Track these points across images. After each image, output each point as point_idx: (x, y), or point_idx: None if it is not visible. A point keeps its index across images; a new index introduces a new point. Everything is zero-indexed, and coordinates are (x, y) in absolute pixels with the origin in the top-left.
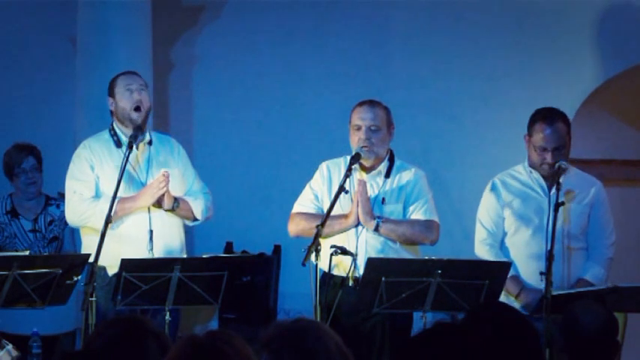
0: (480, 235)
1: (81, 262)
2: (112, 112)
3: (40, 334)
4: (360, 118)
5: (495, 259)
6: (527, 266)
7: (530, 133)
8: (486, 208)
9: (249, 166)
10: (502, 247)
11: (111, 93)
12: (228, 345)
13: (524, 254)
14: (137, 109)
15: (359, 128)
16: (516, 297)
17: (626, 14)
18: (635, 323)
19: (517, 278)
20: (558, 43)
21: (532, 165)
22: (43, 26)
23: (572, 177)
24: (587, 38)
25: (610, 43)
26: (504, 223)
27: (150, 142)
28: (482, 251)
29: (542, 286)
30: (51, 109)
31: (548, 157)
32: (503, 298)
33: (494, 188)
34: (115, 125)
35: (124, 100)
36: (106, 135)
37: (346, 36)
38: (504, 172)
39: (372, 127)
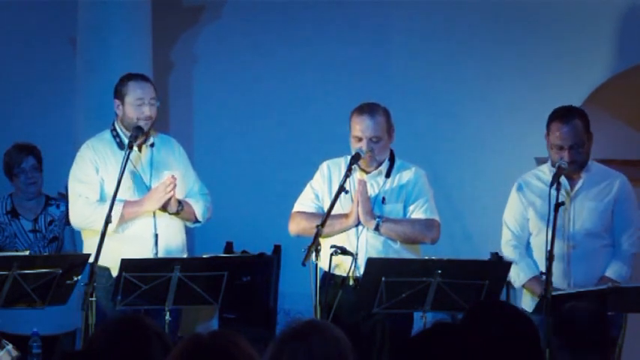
0: (505, 236)
1: (81, 262)
2: (116, 113)
3: (40, 334)
4: (361, 130)
5: (521, 260)
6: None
7: (548, 132)
8: (511, 209)
9: (249, 166)
10: (528, 247)
11: (119, 96)
12: (233, 345)
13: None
14: (145, 120)
15: (360, 140)
16: (539, 296)
17: (626, 14)
18: (635, 323)
19: (540, 279)
20: (558, 44)
21: (553, 164)
22: (43, 26)
23: (595, 173)
24: (587, 38)
25: (610, 43)
26: (529, 224)
27: (152, 145)
28: (508, 252)
29: (565, 285)
30: (51, 109)
31: (566, 156)
32: (528, 298)
33: (519, 189)
34: (117, 126)
35: (133, 111)
36: (107, 135)
37: (346, 36)
38: (530, 173)
39: (374, 139)
